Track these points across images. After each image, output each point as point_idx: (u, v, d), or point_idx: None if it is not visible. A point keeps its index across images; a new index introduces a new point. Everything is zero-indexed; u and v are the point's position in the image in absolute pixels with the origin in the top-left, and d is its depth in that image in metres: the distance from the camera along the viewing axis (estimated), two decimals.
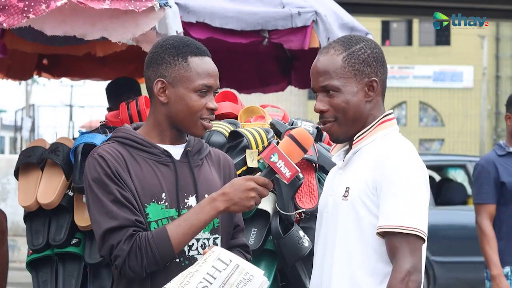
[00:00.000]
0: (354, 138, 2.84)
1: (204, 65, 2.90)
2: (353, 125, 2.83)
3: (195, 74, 2.88)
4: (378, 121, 2.84)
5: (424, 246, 2.73)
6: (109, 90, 5.65)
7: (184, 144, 2.96)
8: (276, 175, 2.83)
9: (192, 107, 2.87)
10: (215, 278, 2.65)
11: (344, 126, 2.83)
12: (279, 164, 2.80)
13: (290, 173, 2.81)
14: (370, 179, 2.74)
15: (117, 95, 5.37)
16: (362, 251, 2.74)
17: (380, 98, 2.87)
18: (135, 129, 2.97)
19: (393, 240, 2.67)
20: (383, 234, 2.70)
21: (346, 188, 2.79)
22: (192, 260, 2.84)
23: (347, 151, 2.91)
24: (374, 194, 2.73)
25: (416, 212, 2.69)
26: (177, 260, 2.83)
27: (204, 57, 2.92)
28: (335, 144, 2.98)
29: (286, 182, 2.87)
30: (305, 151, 2.86)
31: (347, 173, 2.84)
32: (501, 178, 5.36)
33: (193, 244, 2.87)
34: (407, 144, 2.82)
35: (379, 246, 2.72)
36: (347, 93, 2.80)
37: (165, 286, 2.68)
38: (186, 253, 2.86)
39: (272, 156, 2.80)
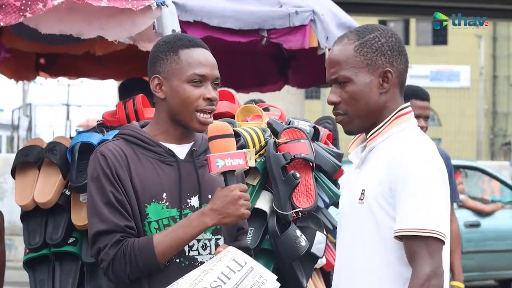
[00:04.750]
0: (368, 136, 2.73)
1: (195, 55, 2.88)
2: (366, 117, 2.71)
3: (186, 65, 2.86)
4: (393, 115, 2.71)
5: (446, 248, 2.62)
6: (121, 88, 5.67)
7: (191, 144, 2.94)
8: (235, 172, 2.79)
9: (187, 98, 2.85)
10: (229, 279, 2.64)
11: (356, 119, 2.72)
12: (228, 162, 2.76)
13: (243, 160, 2.77)
14: (385, 180, 2.62)
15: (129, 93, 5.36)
16: (381, 254, 2.63)
17: (397, 89, 2.72)
18: (142, 127, 2.97)
19: (411, 243, 2.55)
20: (401, 238, 2.59)
21: (362, 190, 2.67)
22: (192, 261, 2.84)
23: (364, 148, 2.78)
24: (390, 196, 2.61)
25: (434, 214, 2.56)
26: (177, 260, 2.83)
27: (196, 48, 2.89)
28: (352, 140, 2.87)
29: (247, 168, 2.82)
30: (231, 136, 2.81)
31: (363, 173, 2.72)
32: None
33: (193, 244, 2.86)
34: (424, 141, 2.68)
35: (399, 249, 2.61)
36: (359, 84, 2.68)
37: (177, 281, 2.68)
38: (186, 254, 2.85)
39: (217, 163, 2.76)
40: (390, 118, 2.71)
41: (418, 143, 2.67)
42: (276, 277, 2.70)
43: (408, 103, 2.77)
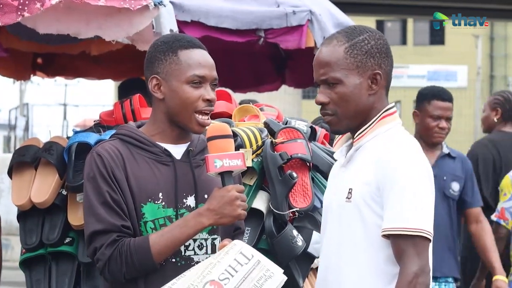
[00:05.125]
0: (355, 136, 2.77)
1: (194, 56, 2.88)
2: (355, 118, 2.75)
3: (185, 66, 2.86)
4: (379, 116, 2.76)
5: (431, 246, 2.67)
6: (121, 88, 5.67)
7: (187, 144, 2.94)
8: (233, 173, 2.80)
9: (186, 99, 2.85)
10: (236, 271, 2.65)
11: (345, 120, 2.75)
12: (226, 163, 2.77)
13: (241, 160, 2.78)
14: (373, 179, 2.67)
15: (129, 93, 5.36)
16: (368, 252, 2.67)
17: (383, 90, 2.78)
18: (139, 127, 2.97)
19: (399, 242, 2.61)
20: (388, 236, 2.64)
21: (349, 189, 2.71)
22: (188, 261, 2.84)
23: (349, 146, 2.83)
24: (378, 195, 2.66)
25: (420, 212, 2.62)
26: (173, 260, 2.83)
27: (195, 49, 2.90)
28: (337, 139, 2.93)
29: (245, 169, 2.84)
30: (230, 136, 2.83)
31: (350, 172, 2.76)
32: None
33: (189, 244, 2.86)
34: (409, 140, 2.74)
35: (386, 248, 2.66)
36: (349, 86, 2.72)
37: (184, 273, 2.68)
38: (182, 253, 2.85)
39: (215, 164, 2.76)
40: (376, 119, 2.77)
41: (404, 143, 2.72)
42: (283, 270, 2.71)
43: (393, 104, 2.82)
